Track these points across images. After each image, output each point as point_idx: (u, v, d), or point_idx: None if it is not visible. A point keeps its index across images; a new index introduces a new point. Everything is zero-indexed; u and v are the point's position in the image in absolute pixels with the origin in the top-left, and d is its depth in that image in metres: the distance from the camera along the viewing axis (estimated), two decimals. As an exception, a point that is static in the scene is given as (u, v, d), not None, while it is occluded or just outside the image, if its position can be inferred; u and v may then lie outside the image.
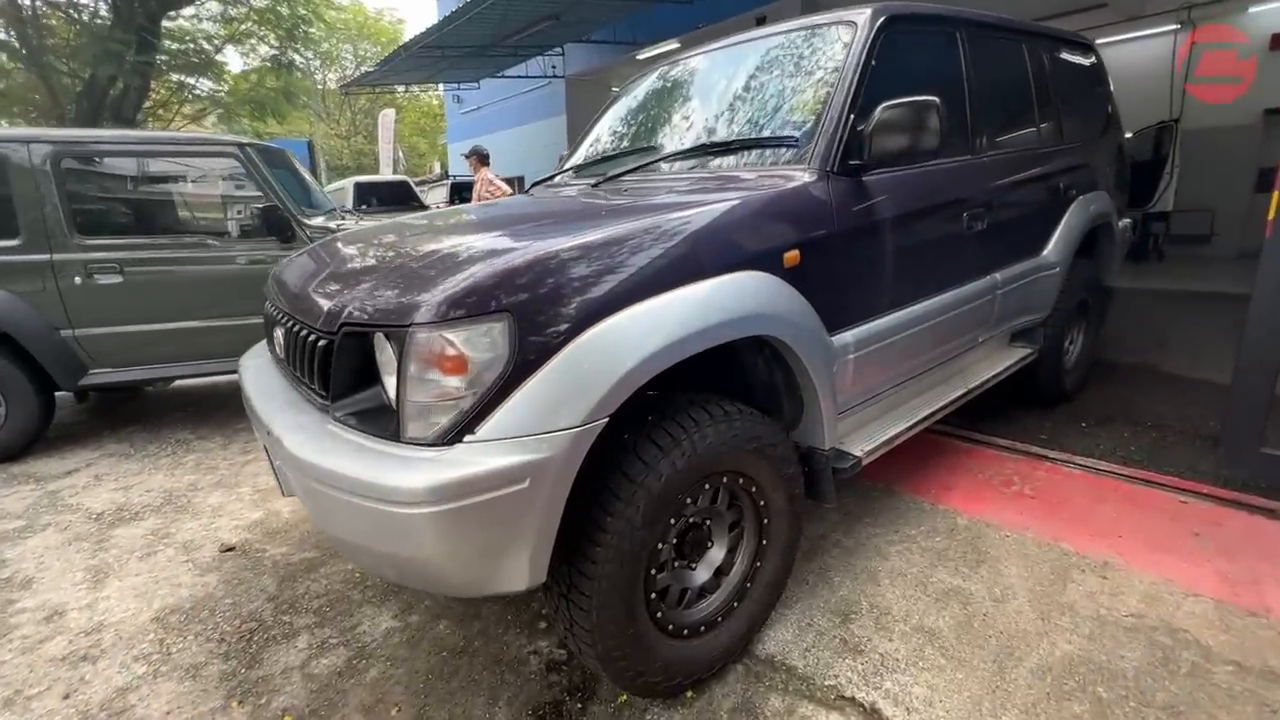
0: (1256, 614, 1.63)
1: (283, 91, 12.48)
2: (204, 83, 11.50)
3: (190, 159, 3.26)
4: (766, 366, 1.70)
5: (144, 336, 3.17)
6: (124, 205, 3.24)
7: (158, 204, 3.32)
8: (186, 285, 3.20)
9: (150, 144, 3.16)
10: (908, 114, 1.68)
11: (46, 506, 2.66)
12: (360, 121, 27.26)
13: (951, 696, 1.46)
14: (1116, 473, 2.38)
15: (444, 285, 1.15)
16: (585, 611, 1.29)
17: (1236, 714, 1.36)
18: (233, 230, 3.30)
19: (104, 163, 3.14)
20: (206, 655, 1.74)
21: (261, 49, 12.18)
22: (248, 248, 3.28)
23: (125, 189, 3.24)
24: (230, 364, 2.36)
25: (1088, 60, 3.26)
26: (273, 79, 12.49)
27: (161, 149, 3.17)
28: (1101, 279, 3.22)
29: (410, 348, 1.12)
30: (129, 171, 3.20)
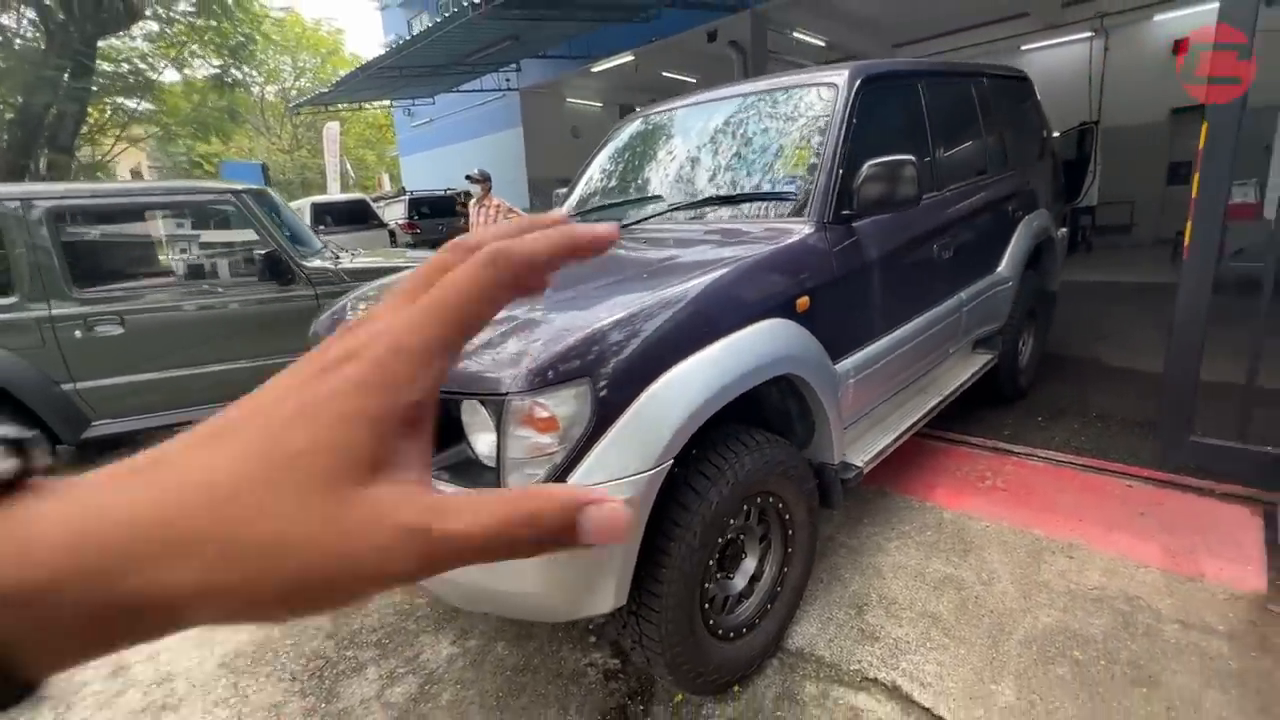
0: (1194, 579, 1.96)
1: (227, 110, 12.12)
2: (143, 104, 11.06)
3: (189, 208, 3.29)
4: (781, 396, 1.93)
5: (147, 385, 3.19)
6: (122, 257, 3.25)
7: (156, 253, 3.34)
8: (189, 332, 3.24)
9: (148, 195, 3.18)
10: (888, 170, 1.94)
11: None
12: (303, 135, 26.48)
13: (957, 670, 1.73)
14: (1072, 463, 2.72)
15: (532, 355, 1.33)
16: (655, 625, 1.49)
17: (1183, 663, 1.67)
18: (233, 276, 3.34)
19: (101, 216, 3.15)
20: (283, 694, 1.87)
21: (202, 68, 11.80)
22: (248, 292, 3.33)
23: (123, 240, 3.25)
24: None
25: (1024, 91, 3.64)
26: (216, 97, 12.12)
27: (159, 200, 3.20)
28: (1046, 287, 3.60)
29: (508, 413, 1.30)
30: (126, 223, 3.21)
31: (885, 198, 1.96)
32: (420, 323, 0.23)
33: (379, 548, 0.21)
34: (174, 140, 12.90)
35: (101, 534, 0.19)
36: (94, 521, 0.20)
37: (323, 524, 0.21)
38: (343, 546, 0.21)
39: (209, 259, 3.44)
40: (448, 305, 0.24)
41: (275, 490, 0.21)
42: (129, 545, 0.20)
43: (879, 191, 1.95)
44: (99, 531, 0.20)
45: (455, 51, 8.06)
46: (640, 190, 2.61)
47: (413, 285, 0.25)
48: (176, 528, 0.20)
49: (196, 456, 0.21)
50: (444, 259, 0.25)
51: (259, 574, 0.20)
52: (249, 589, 0.20)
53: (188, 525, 0.20)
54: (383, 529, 0.21)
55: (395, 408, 0.22)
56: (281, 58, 22.96)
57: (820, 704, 1.69)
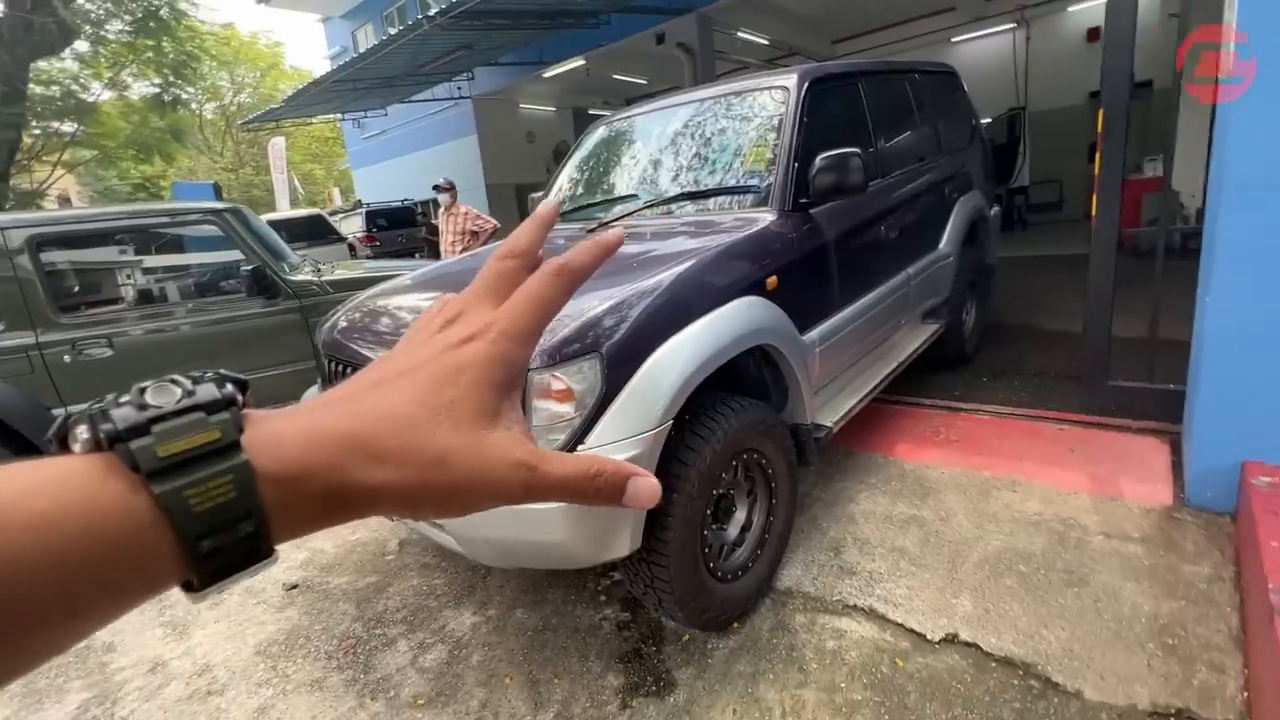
0: (1114, 499, 2.29)
1: (170, 130, 11.81)
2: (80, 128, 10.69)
3: (171, 229, 3.35)
4: (757, 366, 2.18)
5: (139, 405, 3.24)
6: (108, 279, 3.29)
7: (142, 274, 3.38)
8: (179, 350, 3.30)
9: (131, 218, 3.23)
10: (838, 162, 2.20)
11: (80, 581, 2.74)
12: (246, 152, 25.74)
13: (923, 591, 2.00)
14: (1013, 413, 3.06)
15: (547, 334, 1.54)
16: (664, 568, 1.71)
17: (1107, 565, 1.98)
18: (219, 293, 3.42)
19: (83, 241, 3.18)
20: (322, 671, 2.02)
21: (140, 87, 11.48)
22: (235, 308, 3.41)
23: (108, 263, 3.29)
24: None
25: (952, 82, 3.98)
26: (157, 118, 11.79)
27: (143, 222, 3.25)
28: (985, 260, 3.96)
29: (530, 387, 1.50)
30: (111, 245, 3.25)
31: (837, 186, 2.22)
32: (517, 316, 0.32)
33: (502, 473, 0.29)
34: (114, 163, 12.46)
35: (326, 442, 0.26)
36: (318, 434, 0.27)
37: (468, 450, 0.29)
38: (482, 467, 0.29)
39: (195, 277, 3.50)
40: (535, 304, 0.33)
41: (437, 425, 0.28)
42: (345, 451, 0.26)
43: (831, 181, 2.21)
44: (323, 440, 0.26)
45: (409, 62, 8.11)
46: (615, 191, 2.82)
47: (490, 288, 0.34)
48: (376, 442, 0.27)
49: (373, 398, 0.29)
50: (503, 266, 0.35)
51: (429, 478, 0.28)
52: (422, 487, 0.28)
53: (382, 442, 0.27)
54: (505, 461, 0.29)
55: (507, 376, 0.31)
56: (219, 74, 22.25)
57: (809, 630, 1.93)
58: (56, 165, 10.95)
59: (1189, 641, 1.68)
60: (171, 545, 0.23)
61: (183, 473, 0.23)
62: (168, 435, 0.24)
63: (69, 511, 0.22)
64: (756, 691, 1.73)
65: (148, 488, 0.23)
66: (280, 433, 0.26)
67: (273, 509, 0.25)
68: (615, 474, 0.32)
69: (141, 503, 0.23)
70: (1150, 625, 1.75)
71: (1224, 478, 2.06)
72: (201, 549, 0.23)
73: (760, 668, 1.81)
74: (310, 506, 0.26)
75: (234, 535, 0.24)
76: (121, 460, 0.23)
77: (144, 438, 0.23)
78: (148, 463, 0.23)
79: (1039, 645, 1.74)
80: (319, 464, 0.26)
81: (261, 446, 0.25)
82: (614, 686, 1.82)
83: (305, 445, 0.26)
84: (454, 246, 5.91)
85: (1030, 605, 1.88)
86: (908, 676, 1.71)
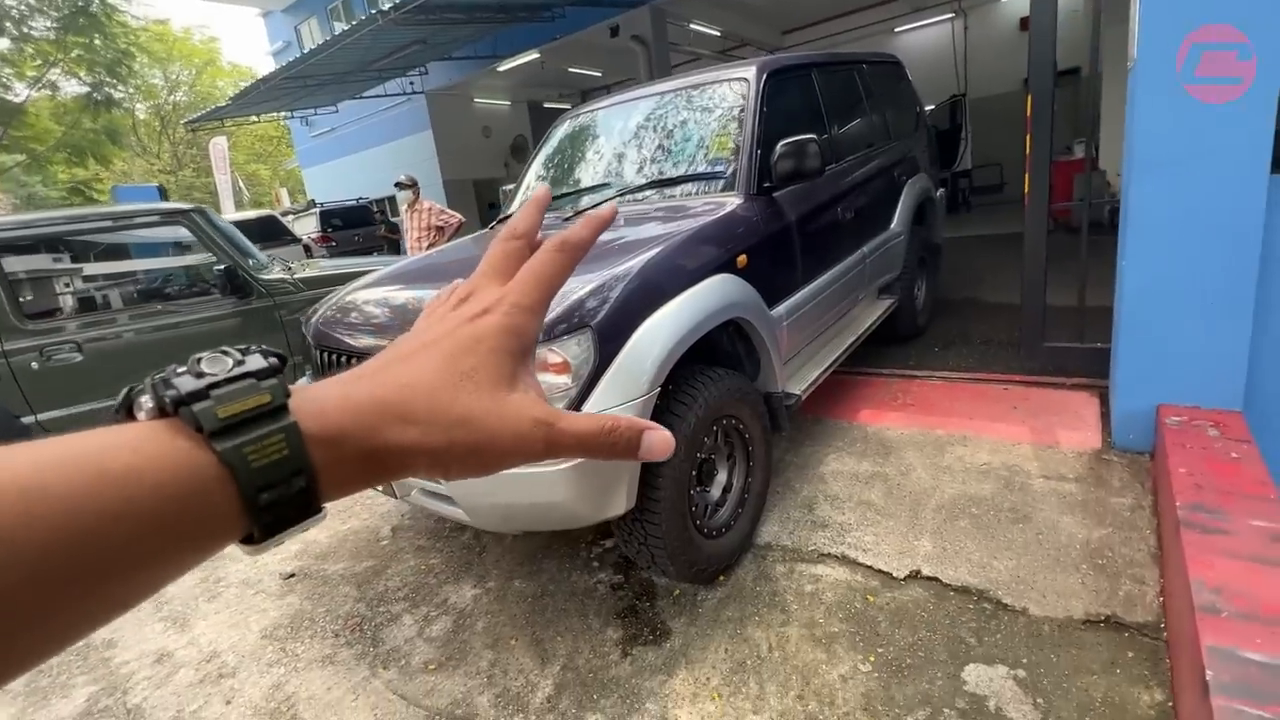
0: (1052, 446, 2.55)
1: (105, 131, 11.29)
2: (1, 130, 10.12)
3: (138, 230, 3.31)
4: (730, 340, 2.34)
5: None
6: (74, 282, 3.23)
7: (109, 276, 3.33)
8: (150, 351, 3.27)
9: (96, 220, 3.18)
10: (797, 148, 2.37)
11: (66, 586, 2.73)
12: (185, 153, 24.67)
13: (888, 537, 2.21)
14: (962, 377, 3.32)
15: (541, 315, 1.66)
16: (656, 525, 1.86)
17: (1047, 503, 2.22)
18: (190, 293, 3.40)
19: (47, 244, 3.12)
20: (331, 648, 2.10)
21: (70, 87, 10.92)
22: (207, 308, 3.40)
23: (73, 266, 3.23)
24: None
25: (898, 73, 4.22)
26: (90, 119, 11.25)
27: (108, 225, 3.20)
28: (933, 239, 4.23)
29: (529, 361, 1.62)
30: (75, 248, 3.20)
31: (796, 171, 2.40)
32: (526, 290, 0.35)
33: (523, 431, 0.31)
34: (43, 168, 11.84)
35: (361, 407, 0.28)
36: (353, 401, 0.29)
37: (489, 411, 0.31)
38: (503, 426, 0.31)
39: (164, 278, 3.47)
40: (541, 278, 0.35)
41: (459, 390, 0.30)
42: (378, 416, 0.28)
43: (791, 166, 2.38)
44: (358, 406, 0.28)
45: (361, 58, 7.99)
46: (587, 181, 2.94)
47: (497, 268, 0.37)
48: (405, 407, 0.29)
49: (399, 369, 0.31)
50: (508, 248, 0.37)
51: (455, 437, 0.30)
52: (449, 446, 0.30)
53: (412, 407, 0.29)
54: (525, 419, 0.32)
55: (521, 345, 0.33)
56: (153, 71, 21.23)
57: (789, 578, 2.12)
58: (-16, 170, 10.33)
59: (1115, 561, 1.92)
60: (234, 499, 0.25)
61: (240, 432, 0.25)
62: (225, 399, 0.26)
63: (147, 466, 0.23)
64: (744, 632, 1.90)
65: (211, 445, 0.25)
66: (321, 399, 0.28)
67: (320, 467, 0.27)
68: (630, 428, 0.35)
69: (206, 459, 0.25)
70: (1083, 550, 1.99)
71: (1143, 420, 2.33)
72: (261, 501, 0.25)
73: (746, 612, 1.98)
74: (351, 466, 0.28)
75: (289, 489, 0.26)
76: (185, 423, 0.25)
77: (204, 401, 0.25)
78: (210, 423, 0.25)
79: (990, 574, 1.96)
80: (357, 427, 0.28)
81: (306, 411, 0.27)
82: (614, 639, 1.97)
83: (343, 411, 0.28)
84: (420, 243, 5.90)
85: (982, 541, 2.10)
86: (878, 609, 1.91)
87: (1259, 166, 1.98)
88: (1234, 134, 1.98)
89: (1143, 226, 2.18)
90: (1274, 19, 1.87)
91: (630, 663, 1.86)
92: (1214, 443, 1.99)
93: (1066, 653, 1.66)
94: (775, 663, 1.78)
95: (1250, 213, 2.02)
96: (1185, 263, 2.13)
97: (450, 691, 1.85)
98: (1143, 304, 2.25)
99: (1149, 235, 2.17)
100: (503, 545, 2.53)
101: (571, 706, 1.74)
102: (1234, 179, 2.01)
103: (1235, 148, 1.99)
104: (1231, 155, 2.00)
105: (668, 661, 1.84)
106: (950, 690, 1.61)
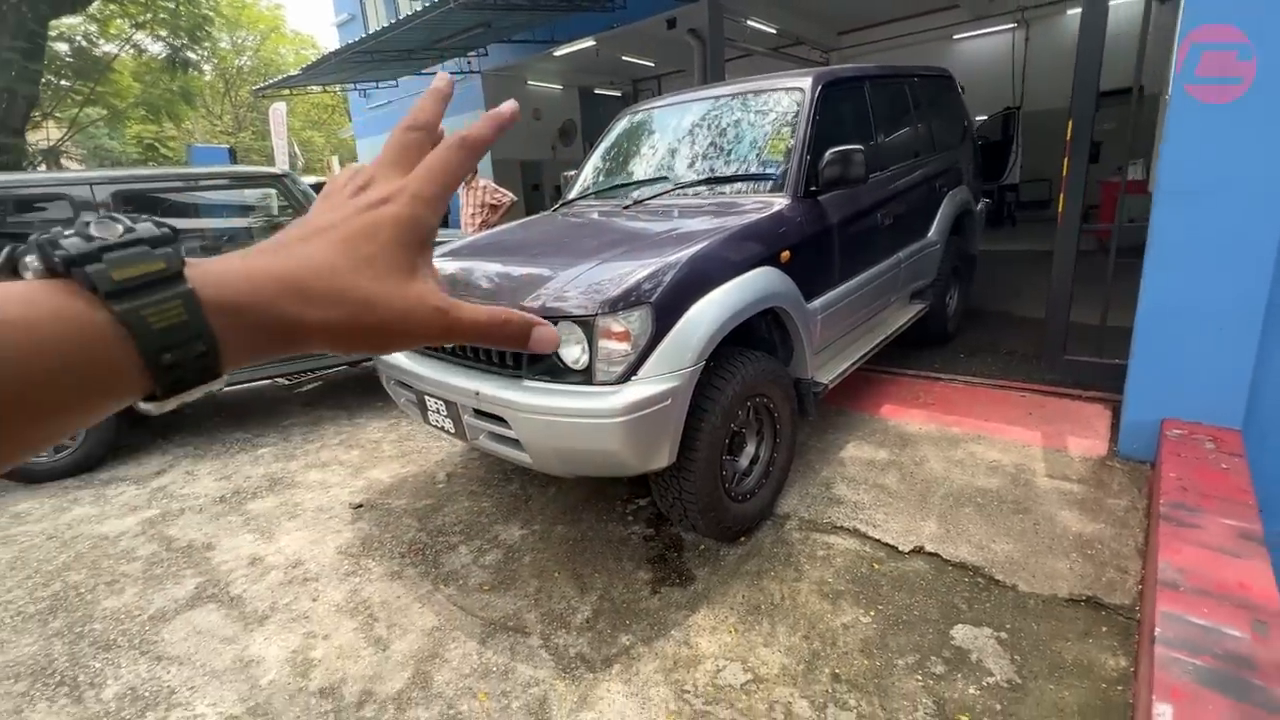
0: (1060, 450, 2.73)
1: (181, 92, 11.91)
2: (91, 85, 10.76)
3: (234, 190, 3.68)
4: (768, 328, 2.57)
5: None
6: (180, 235, 3.61)
7: (204, 231, 3.70)
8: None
9: (206, 179, 3.55)
10: (844, 156, 2.58)
11: (164, 498, 3.12)
12: (245, 116, 25.57)
13: (898, 516, 2.43)
14: (983, 383, 3.49)
15: (610, 289, 1.92)
16: (691, 481, 2.13)
17: (1048, 498, 2.42)
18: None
19: (159, 197, 3.50)
20: (398, 565, 2.42)
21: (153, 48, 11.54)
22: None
23: (173, 218, 3.61)
24: (262, 371, 3.25)
25: (948, 85, 4.36)
26: (168, 79, 11.88)
27: (211, 183, 3.57)
28: (968, 249, 4.37)
29: (596, 330, 1.89)
30: (172, 205, 3.57)
31: (842, 177, 2.60)
32: (425, 183, 0.36)
33: (423, 315, 0.34)
34: (121, 123, 12.53)
35: (262, 281, 0.30)
36: (255, 273, 0.30)
37: (391, 296, 0.33)
38: (405, 310, 0.33)
39: (253, 238, 3.83)
40: (440, 172, 0.36)
41: (359, 274, 0.32)
42: (279, 290, 0.30)
43: (837, 173, 2.59)
44: (260, 279, 0.30)
45: (427, 37, 8.32)
46: (644, 173, 3.19)
47: (396, 158, 0.37)
48: (305, 285, 0.31)
49: (300, 249, 0.32)
50: (408, 138, 0.37)
51: (358, 317, 0.32)
52: (351, 326, 0.32)
53: (313, 285, 0.31)
54: (425, 305, 0.34)
55: (419, 236, 0.35)
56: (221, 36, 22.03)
57: (804, 543, 2.36)
58: (72, 123, 11.03)
59: (1103, 552, 2.12)
60: (135, 358, 0.25)
61: (137, 295, 0.25)
62: (119, 263, 0.25)
63: (42, 318, 0.24)
64: (760, 584, 2.16)
65: (108, 306, 0.25)
66: (220, 271, 0.29)
67: (220, 334, 0.27)
68: (522, 321, 0.38)
69: (104, 318, 0.25)
70: (1075, 541, 2.19)
71: (1148, 432, 2.50)
72: (163, 361, 0.26)
73: (763, 567, 2.24)
74: (250, 335, 0.29)
75: (189, 352, 0.26)
76: (79, 283, 0.25)
77: (96, 264, 0.25)
78: (105, 284, 0.25)
79: (987, 554, 2.18)
80: (258, 299, 0.29)
81: (204, 281, 0.27)
82: (644, 579, 2.24)
83: (244, 281, 0.29)
84: (474, 219, 6.23)
85: (983, 526, 2.32)
86: (882, 575, 2.15)
87: (1275, 198, 2.12)
88: (1249, 161, 2.11)
89: (1158, 250, 2.34)
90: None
91: (658, 599, 2.14)
92: (1208, 455, 2.16)
93: (1047, 623, 1.87)
94: (786, 609, 2.03)
95: (1263, 238, 2.16)
96: (1198, 284, 2.28)
97: (503, 607, 2.15)
98: (1156, 322, 2.42)
99: (1166, 256, 2.33)
100: (546, 496, 2.83)
101: (607, 628, 2.02)
102: (1250, 206, 2.16)
103: (1251, 175, 2.12)
104: (1245, 186, 2.14)
105: (691, 601, 2.11)
106: (939, 643, 1.84)
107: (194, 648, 2.07)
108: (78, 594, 2.38)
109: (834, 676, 1.76)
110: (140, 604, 2.30)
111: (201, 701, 1.85)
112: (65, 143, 11.85)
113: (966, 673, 1.73)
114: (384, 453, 3.44)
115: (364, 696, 1.83)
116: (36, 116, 9.95)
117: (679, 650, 1.90)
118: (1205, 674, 1.23)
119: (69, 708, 1.86)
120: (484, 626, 2.07)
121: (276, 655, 2.01)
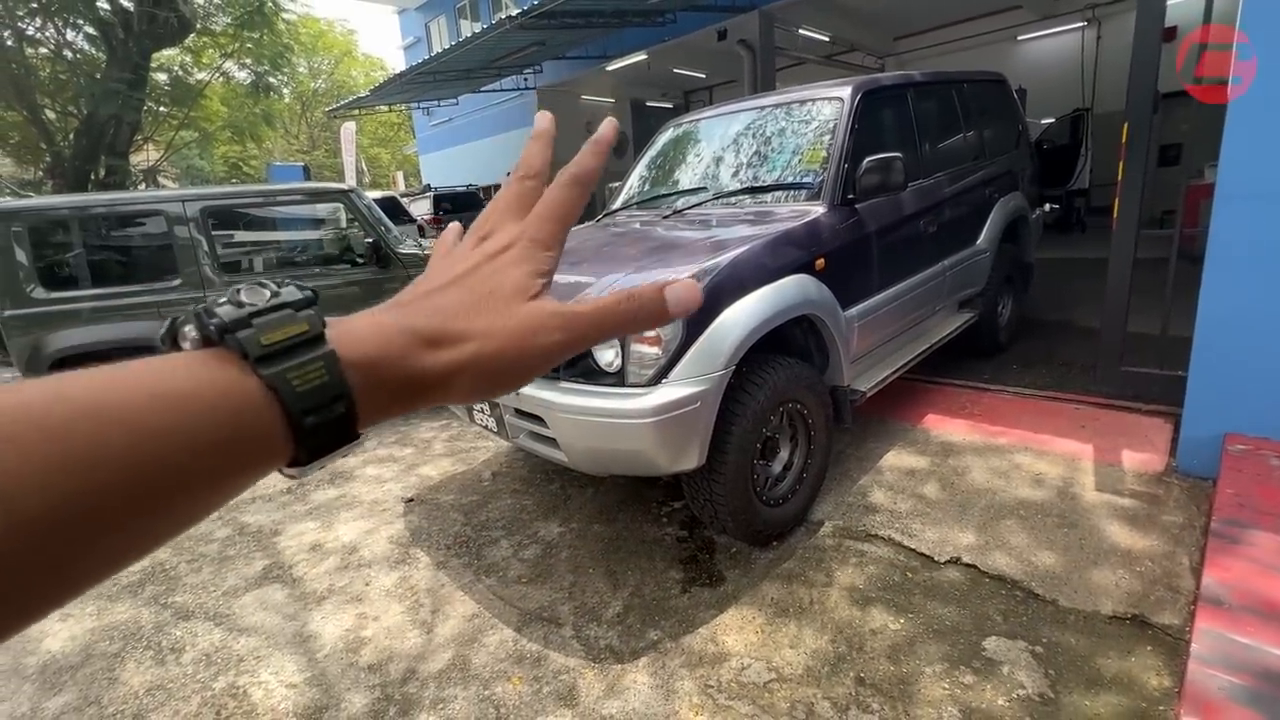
0: (1114, 465, 2.62)
1: (264, 115, 12.83)
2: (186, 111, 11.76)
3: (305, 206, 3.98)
4: (803, 334, 2.60)
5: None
6: (253, 247, 3.95)
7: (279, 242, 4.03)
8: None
9: (281, 195, 3.88)
10: (882, 165, 2.58)
11: (238, 488, 3.39)
12: (319, 135, 27.20)
13: (935, 527, 2.40)
14: (1034, 394, 3.38)
15: (641, 296, 2.00)
16: (722, 485, 2.17)
17: (1096, 513, 2.33)
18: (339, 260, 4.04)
19: (238, 214, 3.84)
20: (443, 556, 2.56)
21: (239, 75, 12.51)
22: (355, 274, 4.02)
23: (250, 233, 3.94)
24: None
25: (1000, 89, 4.25)
26: (253, 103, 12.83)
27: (284, 200, 3.89)
28: (1023, 258, 4.23)
29: (629, 332, 1.97)
30: (251, 218, 3.90)
31: (880, 186, 2.61)
32: (542, 224, 0.38)
33: (540, 322, 0.34)
34: (210, 144, 13.61)
35: (393, 336, 0.31)
36: (386, 329, 0.31)
37: (508, 316, 0.34)
38: (520, 325, 0.34)
39: (323, 247, 4.13)
40: (556, 212, 0.38)
41: (482, 312, 0.33)
42: (410, 342, 0.31)
43: (875, 181, 2.59)
44: (391, 335, 0.31)
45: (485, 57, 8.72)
46: (685, 183, 3.27)
47: (513, 206, 0.39)
48: (434, 332, 0.32)
49: (427, 301, 0.34)
50: (524, 187, 0.39)
51: (480, 349, 0.33)
52: (475, 359, 0.32)
53: (439, 331, 0.32)
54: (542, 313, 0.34)
55: (539, 273, 0.36)
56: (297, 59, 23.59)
57: (837, 550, 2.36)
58: (169, 146, 12.07)
59: (1154, 570, 2.04)
60: (281, 422, 0.26)
61: (282, 359, 0.26)
62: (266, 327, 0.27)
63: (200, 390, 0.25)
64: (790, 587, 2.18)
65: (257, 371, 0.26)
66: (355, 329, 0.30)
67: (357, 393, 0.28)
68: (651, 289, 0.37)
69: (253, 384, 0.26)
70: (1124, 558, 2.11)
71: (1209, 447, 2.37)
72: (307, 424, 0.27)
73: (794, 572, 2.25)
74: (387, 391, 0.30)
75: (331, 414, 0.27)
76: (231, 350, 0.26)
77: (246, 329, 0.27)
78: (254, 350, 0.26)
79: (1026, 568, 2.12)
80: (390, 354, 0.30)
81: (342, 340, 0.28)
82: (675, 579, 2.30)
83: (376, 339, 0.30)
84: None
85: (1024, 539, 2.26)
86: (915, 584, 2.13)
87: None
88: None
89: (1223, 256, 2.24)
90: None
91: (688, 598, 2.19)
92: (1273, 471, 2.05)
93: (1086, 639, 1.82)
94: (815, 613, 2.04)
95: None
96: (1262, 293, 2.17)
97: (539, 599, 2.25)
98: (1218, 333, 2.31)
99: (1225, 267, 2.23)
100: (584, 496, 2.92)
101: (637, 622, 2.09)
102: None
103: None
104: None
105: (720, 600, 2.15)
106: (969, 653, 1.82)
107: (260, 622, 2.26)
108: (164, 570, 2.63)
109: (858, 680, 1.77)
110: (215, 581, 2.53)
111: (265, 669, 2.03)
112: (162, 163, 12.94)
113: (996, 684, 1.70)
114: (435, 451, 3.63)
115: (408, 673, 1.96)
116: (139, 140, 10.94)
117: (705, 647, 1.95)
118: (1239, 692, 1.20)
119: (153, 669, 2.08)
120: (520, 616, 2.17)
121: (332, 632, 2.17)
